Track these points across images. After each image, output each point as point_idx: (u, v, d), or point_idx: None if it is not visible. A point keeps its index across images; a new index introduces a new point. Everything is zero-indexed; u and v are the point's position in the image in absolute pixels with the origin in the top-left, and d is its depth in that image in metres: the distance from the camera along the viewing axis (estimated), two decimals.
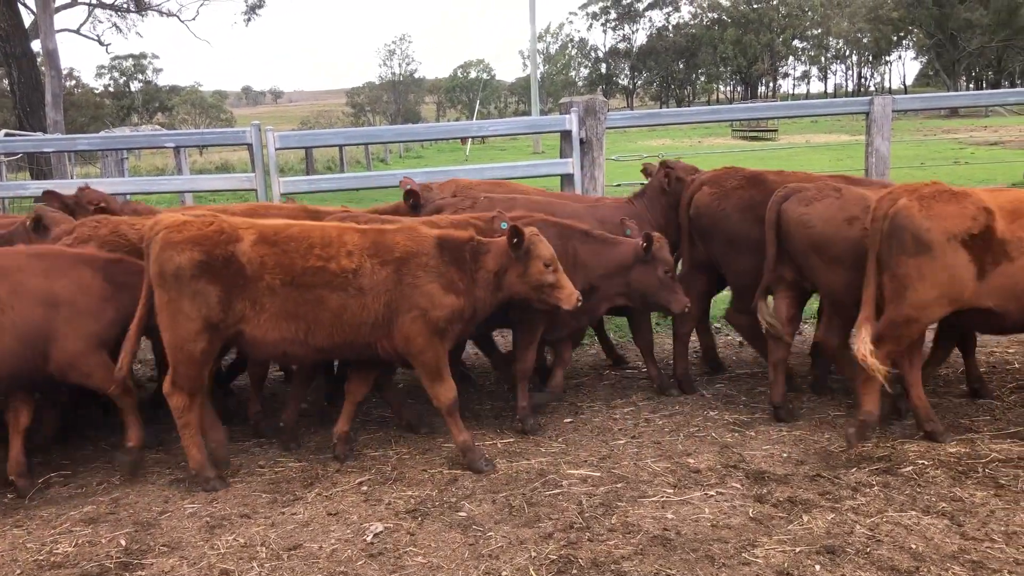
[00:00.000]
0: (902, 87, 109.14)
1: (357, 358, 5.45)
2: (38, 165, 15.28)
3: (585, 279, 5.91)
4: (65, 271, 5.26)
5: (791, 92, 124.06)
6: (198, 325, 4.99)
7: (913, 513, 4.48)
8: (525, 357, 5.99)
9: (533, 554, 4.22)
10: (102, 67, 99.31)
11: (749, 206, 6.23)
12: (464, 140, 45.64)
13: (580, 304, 5.35)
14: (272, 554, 4.34)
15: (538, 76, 52.01)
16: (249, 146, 8.97)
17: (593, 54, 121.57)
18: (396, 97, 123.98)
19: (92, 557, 4.39)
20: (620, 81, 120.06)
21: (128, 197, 10.37)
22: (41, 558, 4.40)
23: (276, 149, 8.71)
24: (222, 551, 4.39)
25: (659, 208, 7.01)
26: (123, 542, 4.54)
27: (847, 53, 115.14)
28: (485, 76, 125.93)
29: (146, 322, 5.15)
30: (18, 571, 4.27)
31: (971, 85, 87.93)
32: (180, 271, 4.94)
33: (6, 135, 12.34)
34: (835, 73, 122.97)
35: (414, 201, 6.76)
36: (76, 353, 5.18)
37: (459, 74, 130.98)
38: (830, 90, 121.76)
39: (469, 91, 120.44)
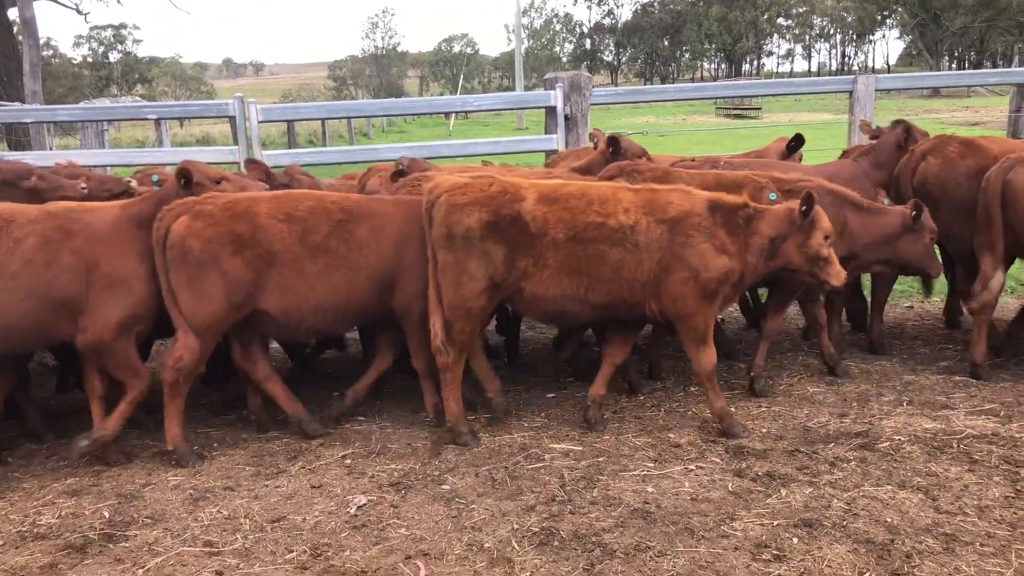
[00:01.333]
0: (885, 66, 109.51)
1: (623, 318, 5.45)
2: (16, 136, 15.06)
3: (848, 248, 5.89)
4: (417, 219, 5.34)
5: (775, 70, 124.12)
6: (483, 284, 5.10)
7: (889, 487, 4.56)
8: (777, 317, 6.11)
9: (515, 526, 4.27)
10: (80, 37, 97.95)
11: (976, 174, 6.25)
12: (447, 115, 45.40)
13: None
14: (256, 526, 4.36)
15: (522, 51, 51.69)
16: (231, 119, 8.91)
17: (578, 30, 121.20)
18: (379, 71, 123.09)
19: (75, 528, 4.40)
20: (604, 57, 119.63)
21: (108, 170, 10.30)
22: (24, 529, 4.41)
23: (259, 122, 8.65)
24: (205, 523, 4.41)
25: (887, 169, 6.87)
26: (106, 514, 4.55)
27: (831, 32, 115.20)
28: (469, 51, 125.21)
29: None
30: (1, 542, 4.27)
31: (953, 65, 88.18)
32: (469, 232, 5.02)
33: None
34: (819, 52, 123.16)
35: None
36: (417, 295, 5.38)
37: (443, 48, 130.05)
38: (814, 69, 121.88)
39: (453, 65, 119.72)
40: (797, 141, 7.45)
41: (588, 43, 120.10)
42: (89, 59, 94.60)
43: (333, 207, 5.34)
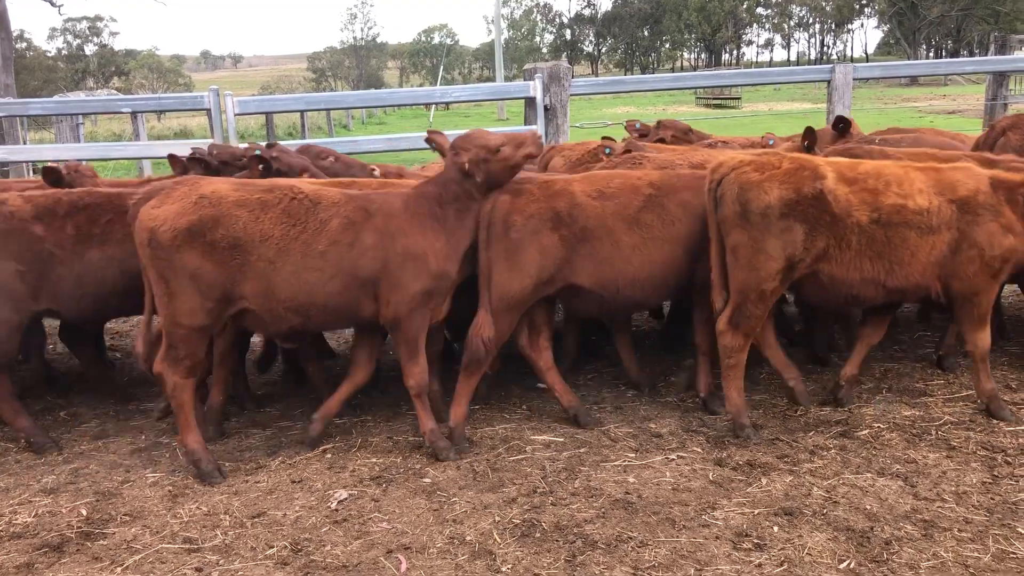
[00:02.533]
0: (864, 55, 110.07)
1: (908, 301, 5.37)
2: None
3: None
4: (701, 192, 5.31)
5: (755, 60, 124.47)
6: (779, 264, 4.99)
7: (868, 475, 4.59)
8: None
9: (497, 518, 4.26)
10: (55, 29, 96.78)
11: None
12: (428, 106, 45.24)
13: None
14: (235, 522, 4.33)
15: (502, 42, 51.55)
16: (207, 111, 8.82)
17: (558, 20, 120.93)
18: (358, 62, 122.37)
19: (52, 527, 4.35)
20: (585, 48, 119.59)
21: (84, 163, 10.18)
22: (0, 529, 4.36)
23: (235, 114, 8.57)
24: (185, 519, 4.37)
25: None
26: (84, 512, 4.50)
27: (810, 21, 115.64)
28: (449, 41, 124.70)
29: None
30: None
31: (931, 54, 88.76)
32: (768, 210, 4.91)
33: None
34: (798, 41, 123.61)
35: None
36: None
37: (422, 39, 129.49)
38: (793, 58, 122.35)
39: (432, 56, 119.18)
40: (844, 123, 7.35)
41: (568, 33, 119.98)
42: (64, 52, 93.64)
43: (640, 183, 5.39)
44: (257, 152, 5.94)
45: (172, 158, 6.42)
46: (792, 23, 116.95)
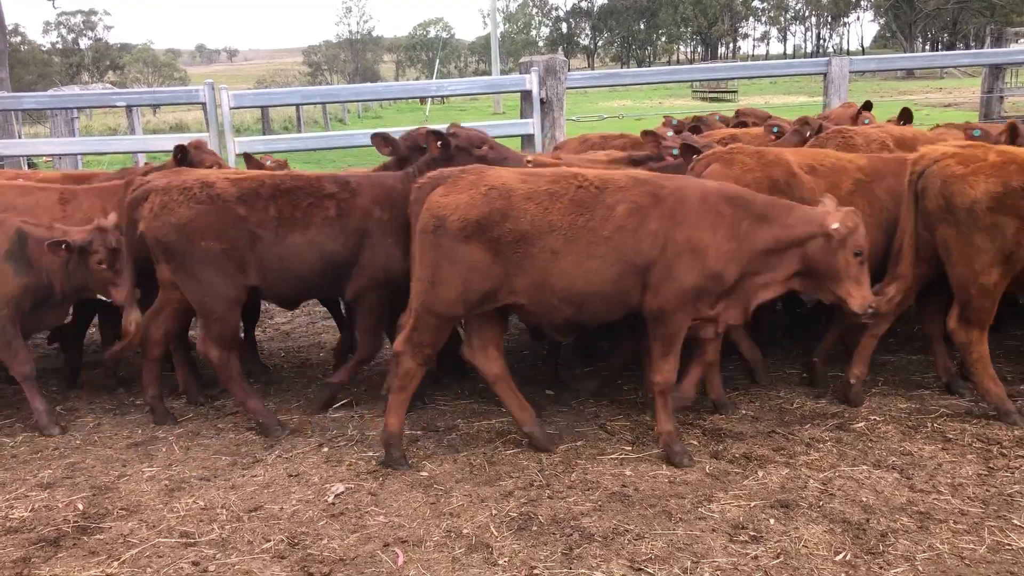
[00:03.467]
0: (860, 48, 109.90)
1: None
2: None
3: None
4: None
5: (751, 53, 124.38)
6: (992, 258, 4.89)
7: (864, 467, 4.60)
8: None
9: (494, 512, 4.27)
10: (49, 23, 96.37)
11: None
12: (423, 100, 45.12)
13: None
14: (232, 516, 4.33)
15: (498, 35, 51.47)
16: (203, 105, 8.80)
17: (554, 13, 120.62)
18: (354, 56, 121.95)
19: (49, 521, 4.35)
20: (581, 41, 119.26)
21: (80, 158, 10.17)
22: None
23: (231, 108, 8.54)
24: (182, 513, 4.37)
25: None
26: (80, 506, 4.50)
27: (806, 14, 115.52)
28: (444, 35, 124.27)
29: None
30: None
31: (927, 47, 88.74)
32: (975, 205, 4.82)
33: None
34: (794, 34, 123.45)
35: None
36: None
37: (418, 32, 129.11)
38: (789, 51, 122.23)
39: (428, 50, 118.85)
40: (867, 107, 7.35)
41: (564, 27, 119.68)
42: (59, 46, 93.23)
43: (851, 166, 5.40)
44: (437, 130, 5.80)
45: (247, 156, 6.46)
46: (788, 16, 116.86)
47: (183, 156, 6.45)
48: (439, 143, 5.57)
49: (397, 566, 3.85)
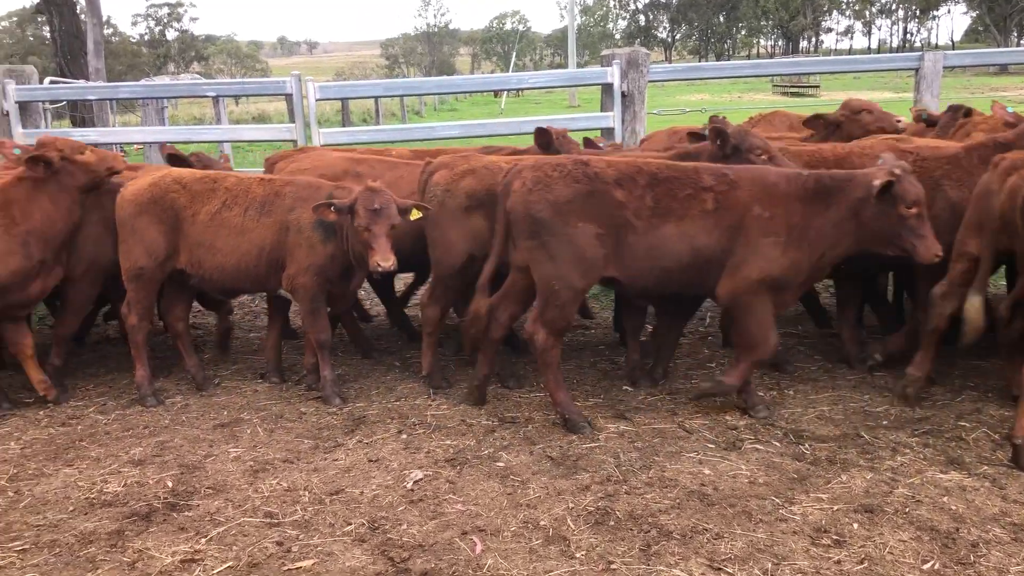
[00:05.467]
0: (950, 43, 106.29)
1: None
2: (80, 112, 15.39)
3: None
4: None
5: (833, 47, 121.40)
6: None
7: (954, 475, 4.46)
8: None
9: (570, 505, 4.27)
10: (138, 15, 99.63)
11: None
12: (498, 93, 45.28)
13: None
14: (315, 498, 4.42)
15: (575, 28, 51.24)
16: (289, 96, 8.97)
17: (631, 5, 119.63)
18: (431, 49, 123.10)
19: (140, 497, 4.50)
20: (658, 34, 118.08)
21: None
22: (92, 496, 4.53)
23: (316, 100, 8.69)
24: (266, 494, 4.48)
25: None
26: (170, 483, 4.65)
27: (893, 7, 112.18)
28: (521, 28, 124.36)
29: None
30: (71, 508, 4.40)
31: (1023, 41, 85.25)
32: None
33: (51, 83, 12.43)
34: (879, 28, 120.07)
35: None
36: None
37: (494, 25, 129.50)
38: (873, 46, 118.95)
39: (504, 43, 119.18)
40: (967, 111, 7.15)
41: (642, 19, 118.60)
42: (147, 37, 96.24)
43: None
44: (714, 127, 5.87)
45: (541, 131, 6.52)
46: (874, 9, 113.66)
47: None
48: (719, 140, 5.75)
49: (475, 554, 3.88)
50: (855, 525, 4.02)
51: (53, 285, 5.83)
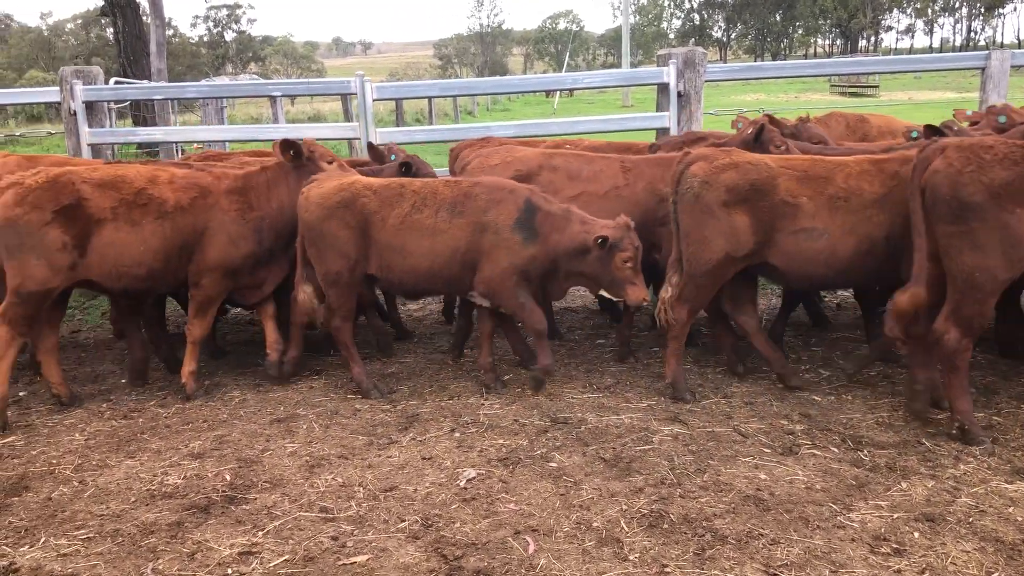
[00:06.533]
0: (1016, 41, 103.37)
1: None
2: (141, 112, 15.74)
3: None
4: None
5: (893, 46, 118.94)
6: None
7: (1020, 485, 4.34)
8: None
9: (624, 507, 4.24)
10: (197, 17, 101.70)
11: None
12: (550, 93, 45.23)
13: None
14: (369, 494, 4.47)
15: (629, 27, 50.94)
16: (350, 96, 9.08)
17: (686, 4, 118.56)
18: (483, 49, 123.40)
19: (200, 489, 4.59)
20: (713, 33, 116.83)
21: (227, 146, 10.67)
22: (153, 488, 4.63)
23: (373, 100, 8.77)
24: (321, 489, 4.54)
25: None
26: (228, 477, 4.73)
27: (956, 5, 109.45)
28: (574, 27, 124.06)
29: None
30: (133, 499, 4.50)
31: None
32: None
33: (116, 83, 12.73)
34: (942, 27, 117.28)
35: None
36: None
37: (547, 25, 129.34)
38: (935, 44, 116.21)
39: (557, 42, 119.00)
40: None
41: (696, 18, 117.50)
42: (206, 38, 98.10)
43: None
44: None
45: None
46: (937, 7, 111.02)
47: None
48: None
49: (528, 554, 3.88)
50: (916, 534, 3.93)
51: (280, 277, 6.19)
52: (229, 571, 3.81)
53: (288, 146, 6.10)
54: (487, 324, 6.04)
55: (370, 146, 7.38)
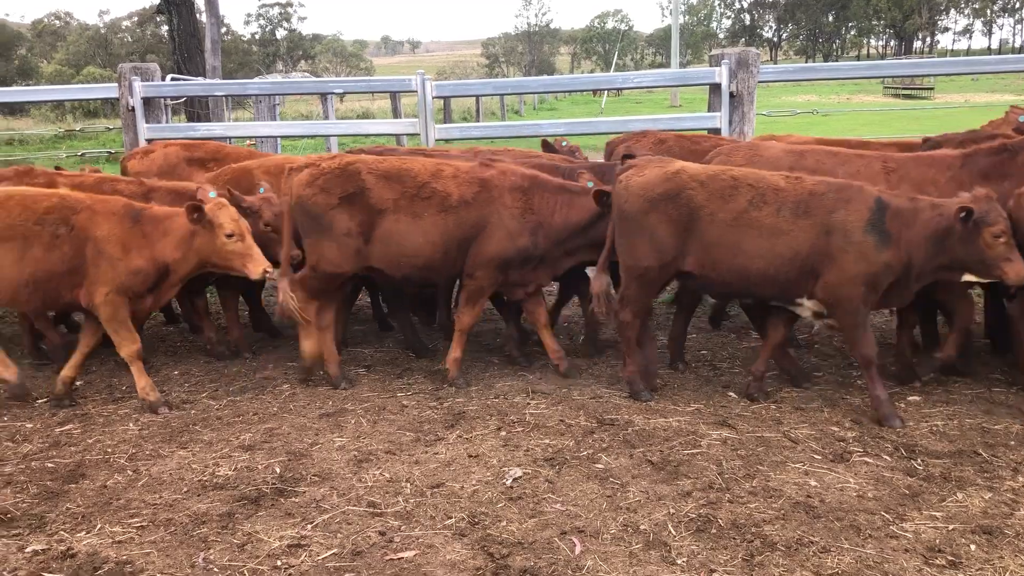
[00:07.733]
0: None
1: None
2: (195, 108, 16.00)
3: None
4: None
5: (950, 47, 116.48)
6: None
7: None
8: None
9: (671, 510, 4.21)
10: (249, 15, 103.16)
11: None
12: (597, 92, 45.10)
13: None
14: (416, 490, 4.49)
15: (678, 27, 50.58)
16: (404, 93, 9.14)
17: (736, 4, 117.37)
18: (531, 48, 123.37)
19: (250, 481, 4.66)
20: (764, 33, 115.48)
21: (278, 142, 10.83)
22: (204, 479, 4.70)
23: (432, 97, 8.84)
24: (369, 484, 4.57)
25: None
26: (278, 469, 4.79)
27: (1017, 5, 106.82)
28: (623, 27, 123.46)
29: None
30: (185, 489, 4.58)
31: None
32: None
33: (172, 79, 12.96)
34: (1001, 27, 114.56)
35: None
36: None
37: (595, 24, 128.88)
38: (994, 46, 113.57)
39: (605, 42, 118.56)
40: None
41: (747, 18, 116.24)
42: (257, 36, 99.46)
43: None
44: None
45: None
46: (996, 7, 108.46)
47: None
48: None
49: (574, 555, 3.87)
50: (972, 547, 3.85)
51: (552, 276, 6.28)
52: (278, 563, 3.86)
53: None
54: (777, 334, 5.72)
55: (544, 142, 7.61)
